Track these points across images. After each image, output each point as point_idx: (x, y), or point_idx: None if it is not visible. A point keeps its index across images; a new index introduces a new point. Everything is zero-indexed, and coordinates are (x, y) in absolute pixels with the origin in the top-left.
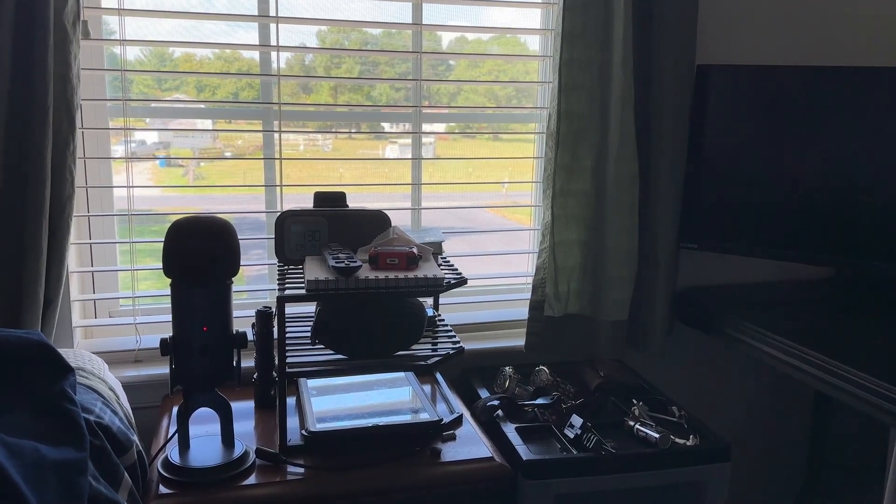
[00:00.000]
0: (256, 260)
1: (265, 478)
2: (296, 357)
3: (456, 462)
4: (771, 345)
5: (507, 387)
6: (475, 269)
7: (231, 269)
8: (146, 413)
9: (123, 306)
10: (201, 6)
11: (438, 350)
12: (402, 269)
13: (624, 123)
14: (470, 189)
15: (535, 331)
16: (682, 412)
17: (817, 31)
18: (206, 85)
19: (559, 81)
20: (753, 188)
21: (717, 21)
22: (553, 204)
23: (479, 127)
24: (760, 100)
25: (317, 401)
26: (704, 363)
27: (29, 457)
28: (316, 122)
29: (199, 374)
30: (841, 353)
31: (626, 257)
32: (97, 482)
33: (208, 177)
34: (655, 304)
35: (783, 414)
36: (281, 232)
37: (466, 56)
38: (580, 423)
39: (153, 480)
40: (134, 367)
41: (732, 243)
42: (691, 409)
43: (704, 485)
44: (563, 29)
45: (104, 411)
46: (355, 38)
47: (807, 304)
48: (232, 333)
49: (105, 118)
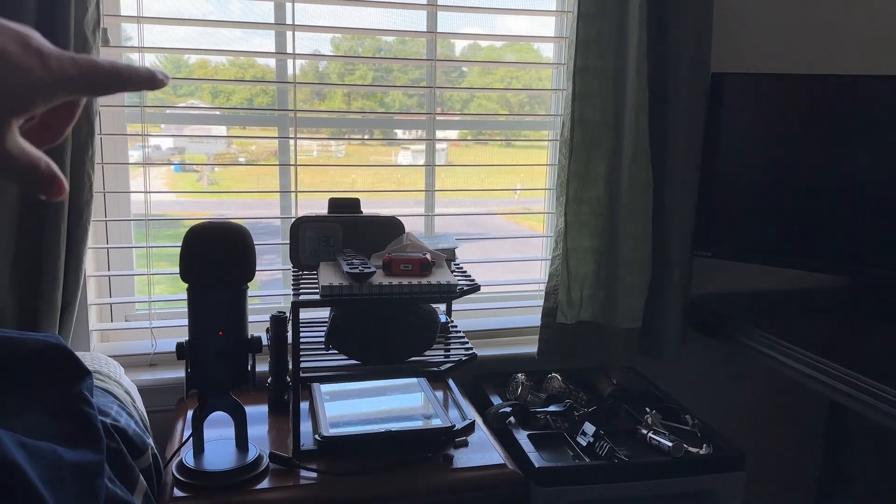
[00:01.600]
0: (268, 265)
1: (278, 482)
2: (309, 362)
3: (468, 468)
4: (785, 353)
5: (520, 394)
6: (488, 276)
7: (247, 274)
8: (160, 416)
9: (139, 310)
10: (217, 13)
11: (451, 356)
12: (416, 275)
13: (638, 131)
14: (482, 195)
15: (547, 338)
16: (695, 420)
17: (832, 40)
18: (220, 91)
19: (573, 89)
20: (767, 196)
21: (732, 29)
22: (566, 211)
23: (491, 133)
24: (775, 108)
25: (330, 406)
26: (718, 371)
27: (47, 458)
28: (329, 129)
29: (215, 378)
30: (855, 362)
31: (639, 265)
32: (113, 484)
33: (221, 182)
34: (669, 312)
35: (797, 423)
36: (296, 237)
37: (481, 63)
38: (593, 430)
39: (168, 483)
40: (149, 371)
41: (746, 251)
42: (704, 417)
43: (718, 494)
44: (578, 37)
45: (120, 414)
46: (369, 45)
47: (821, 312)
48: (247, 338)
49: (123, 124)
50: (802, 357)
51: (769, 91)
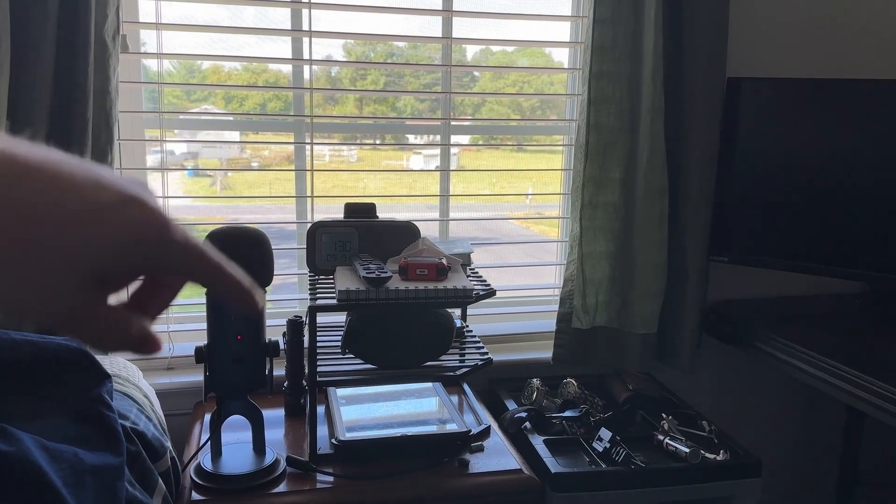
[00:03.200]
0: (283, 269)
1: (295, 486)
2: (326, 366)
3: (484, 473)
4: (802, 359)
5: (535, 399)
6: (502, 281)
7: (265, 278)
8: (178, 420)
9: None
10: (231, 20)
11: (466, 361)
12: (432, 279)
13: (654, 136)
14: (494, 200)
15: (562, 343)
16: (711, 427)
17: (849, 44)
18: (233, 96)
19: (588, 94)
20: (784, 201)
21: (747, 33)
22: (581, 216)
23: (504, 138)
24: (791, 112)
25: (346, 410)
26: (734, 377)
27: (68, 461)
28: (342, 134)
29: (233, 382)
30: (874, 368)
31: (654, 270)
32: (133, 487)
33: (234, 187)
34: (684, 318)
35: (814, 429)
36: (312, 242)
37: (495, 69)
38: (609, 436)
39: (186, 487)
40: (167, 375)
41: (762, 257)
42: (721, 423)
43: (734, 500)
44: (593, 42)
45: (139, 417)
46: (381, 50)
47: (838, 318)
48: (265, 342)
49: (141, 129)
50: (820, 363)
51: (785, 95)
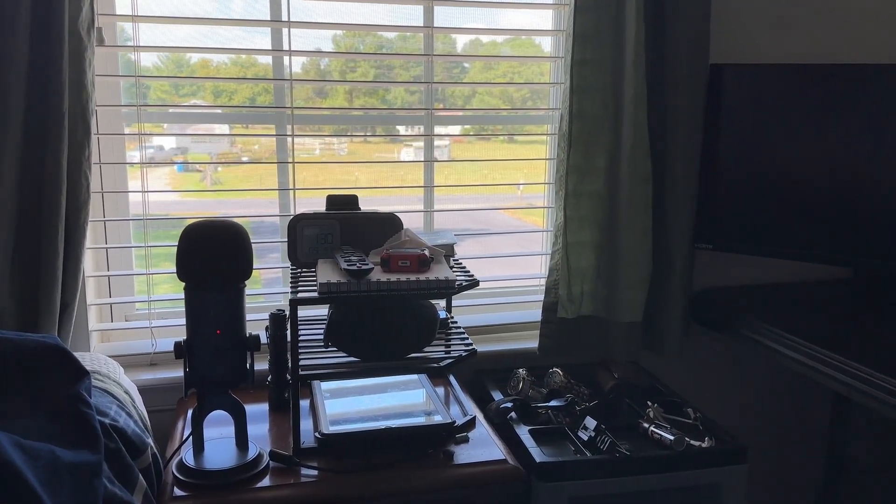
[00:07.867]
0: (272, 263)
1: (279, 480)
2: (309, 360)
3: (469, 464)
4: (788, 346)
5: (521, 389)
6: (488, 271)
7: (243, 272)
8: (161, 416)
9: (139, 310)
10: (217, 12)
11: (451, 352)
12: (414, 271)
13: (637, 123)
14: (485, 191)
15: (548, 333)
16: (697, 414)
17: (832, 29)
18: (222, 90)
19: (571, 82)
20: (768, 188)
21: (730, 20)
22: (566, 205)
23: (493, 129)
24: (775, 99)
25: (330, 403)
26: (720, 365)
27: (45, 459)
28: (331, 126)
29: (214, 377)
30: (860, 354)
31: (640, 258)
32: (112, 484)
33: (226, 181)
34: (670, 306)
35: (800, 416)
36: (294, 235)
37: (476, 58)
38: (594, 425)
39: (168, 482)
40: (149, 371)
41: (748, 243)
42: (707, 410)
43: (720, 487)
44: (575, 30)
45: (119, 414)
46: (370, 43)
47: (824, 304)
48: (245, 336)
49: (120, 124)
50: (806, 349)
51: (769, 81)
